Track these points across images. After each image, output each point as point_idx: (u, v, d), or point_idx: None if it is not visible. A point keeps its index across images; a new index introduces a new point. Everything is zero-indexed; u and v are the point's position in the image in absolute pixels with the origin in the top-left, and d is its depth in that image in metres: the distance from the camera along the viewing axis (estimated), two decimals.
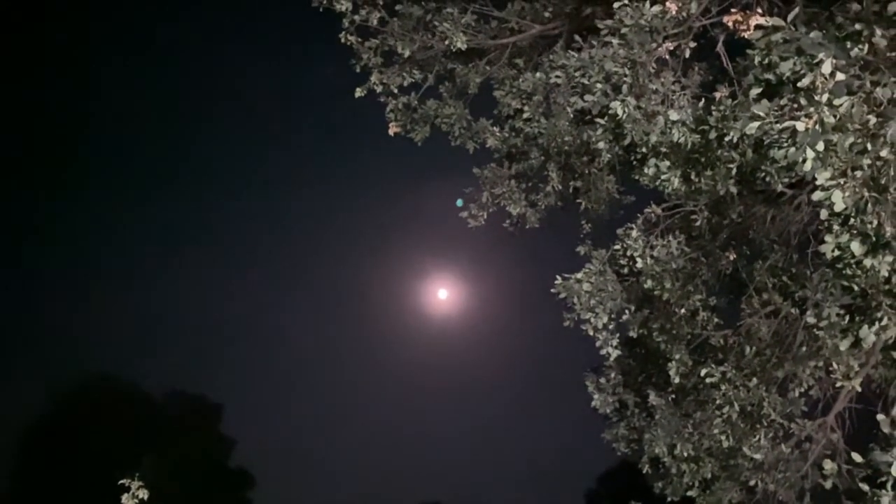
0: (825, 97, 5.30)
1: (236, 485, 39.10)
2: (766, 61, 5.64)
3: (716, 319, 10.70)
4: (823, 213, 5.93)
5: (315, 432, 42.38)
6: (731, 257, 10.84)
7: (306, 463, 40.42)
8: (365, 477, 40.10)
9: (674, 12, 7.74)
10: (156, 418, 37.55)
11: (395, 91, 12.04)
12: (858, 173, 5.62)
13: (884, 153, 5.52)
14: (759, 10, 7.58)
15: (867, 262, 6.00)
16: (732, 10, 7.56)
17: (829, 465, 7.80)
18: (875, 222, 5.75)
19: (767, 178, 8.35)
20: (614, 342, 10.10)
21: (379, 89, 11.84)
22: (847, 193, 5.60)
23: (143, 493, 6.87)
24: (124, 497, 6.87)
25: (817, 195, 5.73)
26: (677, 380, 10.16)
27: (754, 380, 9.57)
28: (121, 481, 6.93)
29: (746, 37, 6.63)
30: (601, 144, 9.26)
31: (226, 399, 39.94)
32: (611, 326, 10.09)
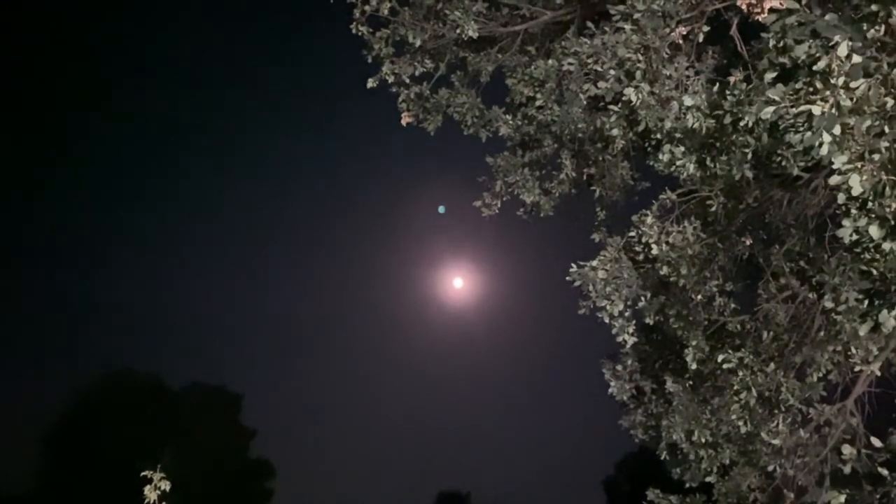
0: (841, 80, 5.24)
1: (257, 475, 39.46)
2: (781, 45, 5.58)
3: (732, 305, 10.64)
4: (841, 197, 5.87)
5: (334, 421, 42.73)
6: (748, 242, 10.75)
7: (326, 452, 40.77)
8: (384, 466, 40.43)
9: None
10: (176, 410, 37.91)
11: (407, 81, 12.00)
12: (876, 156, 5.56)
13: None
14: None
15: (886, 245, 5.94)
16: None
17: (848, 450, 7.78)
18: (893, 206, 5.70)
19: (783, 163, 8.28)
20: (630, 329, 10.06)
21: (391, 79, 11.80)
22: (865, 177, 5.55)
23: (166, 485, 6.92)
24: (146, 489, 6.93)
25: (834, 179, 5.68)
26: (694, 366, 10.12)
27: (772, 365, 9.53)
28: (143, 473, 7.00)
29: (760, 20, 6.57)
30: (615, 131, 9.22)
31: (245, 390, 40.32)
32: (627, 313, 10.06)
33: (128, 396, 36.61)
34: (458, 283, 37.66)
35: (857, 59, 5.24)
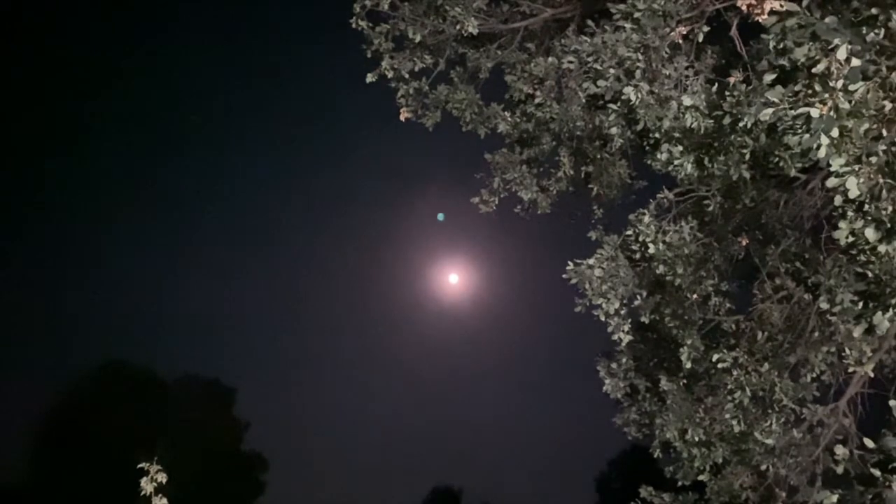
0: (840, 83, 5.26)
1: (250, 468, 39.48)
2: (781, 47, 5.60)
3: (728, 304, 10.69)
4: (838, 200, 5.91)
5: (328, 415, 42.75)
6: (744, 242, 10.79)
7: (319, 446, 40.79)
8: (378, 460, 40.45)
9: None
10: (170, 403, 37.87)
11: (406, 76, 11.97)
12: (873, 159, 5.60)
13: None
14: None
15: (881, 248, 5.99)
16: None
17: (840, 451, 7.81)
18: (889, 209, 5.74)
19: (781, 164, 8.31)
20: (626, 327, 10.08)
21: (390, 74, 11.77)
22: (861, 180, 5.58)
23: (162, 477, 6.93)
24: (143, 480, 6.94)
25: (831, 181, 5.71)
26: (689, 365, 10.16)
27: (766, 365, 9.57)
28: (140, 465, 7.00)
29: (760, 21, 6.58)
30: (614, 129, 9.23)
31: (239, 383, 40.32)
32: (622, 312, 10.07)
33: (122, 389, 36.55)
34: (453, 279, 37.59)
35: (856, 62, 5.27)
